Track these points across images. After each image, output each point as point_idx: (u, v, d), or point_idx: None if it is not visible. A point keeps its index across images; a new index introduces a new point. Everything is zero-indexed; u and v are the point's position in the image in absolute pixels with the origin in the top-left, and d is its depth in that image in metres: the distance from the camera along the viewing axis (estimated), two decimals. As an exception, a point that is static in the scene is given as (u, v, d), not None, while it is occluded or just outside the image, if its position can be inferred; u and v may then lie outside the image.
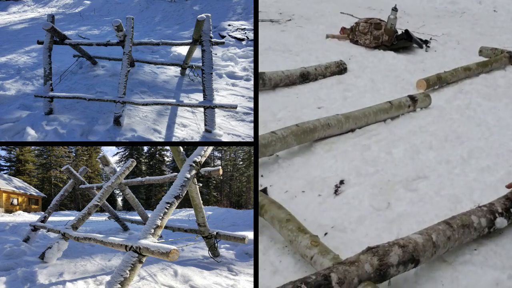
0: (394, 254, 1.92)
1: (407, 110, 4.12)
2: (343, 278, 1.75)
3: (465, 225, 2.21)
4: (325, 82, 4.92)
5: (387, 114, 3.93)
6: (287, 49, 5.96)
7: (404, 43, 6.40)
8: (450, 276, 2.12)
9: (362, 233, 2.45)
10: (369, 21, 6.40)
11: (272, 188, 2.91)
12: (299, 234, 2.17)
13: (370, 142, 3.50)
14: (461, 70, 5.07)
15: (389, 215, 2.60)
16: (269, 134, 3.12)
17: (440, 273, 2.15)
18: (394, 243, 1.98)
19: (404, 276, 2.09)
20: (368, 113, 3.79)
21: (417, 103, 4.18)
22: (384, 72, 5.32)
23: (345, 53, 5.94)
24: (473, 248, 2.28)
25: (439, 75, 4.96)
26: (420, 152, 3.36)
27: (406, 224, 2.49)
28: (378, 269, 1.86)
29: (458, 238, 2.17)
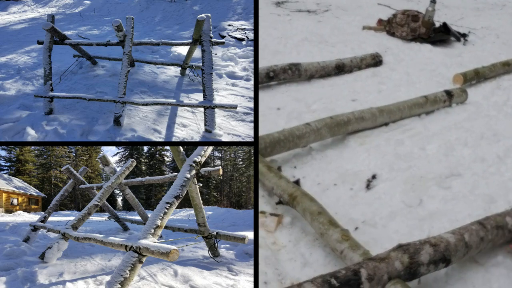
0: (425, 253, 1.89)
1: (442, 105, 4.03)
2: (373, 275, 1.73)
3: (499, 226, 2.16)
4: (360, 75, 4.86)
5: (422, 109, 3.86)
6: (323, 40, 5.87)
7: (441, 36, 6.27)
8: (482, 278, 2.08)
9: (393, 229, 2.41)
10: (407, 13, 6.32)
11: (305, 179, 2.89)
12: (330, 227, 2.16)
13: (404, 137, 3.45)
14: (500, 65, 4.97)
15: (420, 212, 2.55)
16: (304, 126, 3.12)
17: (471, 274, 2.11)
18: (426, 241, 1.95)
19: (434, 276, 2.06)
20: (402, 107, 3.73)
21: (453, 98, 4.08)
22: (420, 66, 5.22)
23: (381, 45, 5.84)
24: (507, 251, 2.23)
25: (476, 70, 4.86)
26: (454, 149, 3.28)
27: (438, 223, 2.45)
28: (408, 267, 1.83)
29: (491, 239, 2.12)
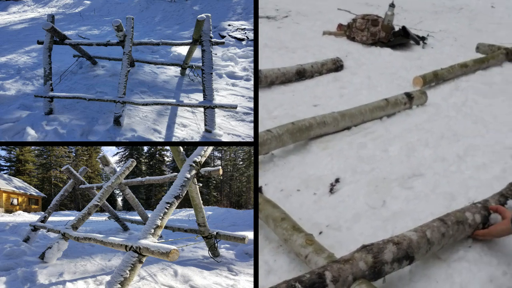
0: (389, 251, 1.91)
1: (403, 108, 4.10)
2: (338, 276, 1.74)
3: (459, 222, 2.20)
4: (321, 80, 4.90)
5: (383, 112, 3.92)
6: (283, 46, 5.93)
7: (401, 40, 6.37)
8: (445, 273, 2.11)
9: (357, 231, 2.44)
10: (366, 18, 6.37)
11: (267, 186, 2.89)
12: (294, 232, 2.16)
13: (366, 140, 3.49)
14: (458, 67, 5.06)
15: (384, 213, 2.59)
16: (265, 133, 3.10)
17: (434, 270, 2.14)
18: (389, 240, 1.98)
19: (399, 274, 2.08)
20: (364, 111, 3.77)
21: (413, 100, 4.16)
22: (381, 69, 5.30)
23: (342, 50, 5.91)
24: (467, 245, 2.27)
25: (435, 72, 4.93)
26: (416, 149, 3.35)
27: (401, 222, 2.48)
28: (372, 266, 1.85)
29: (452, 234, 2.16)
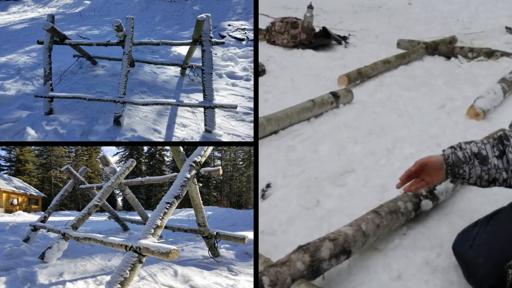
0: (325, 248, 1.93)
1: (330, 107, 4.11)
2: (275, 280, 1.74)
3: (392, 211, 2.26)
4: None
5: (310, 113, 3.92)
6: None
7: (322, 41, 6.36)
8: (382, 263, 2.16)
9: (293, 233, 2.45)
10: (285, 20, 6.35)
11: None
12: None
13: (295, 143, 3.52)
14: (381, 64, 5.11)
15: (318, 213, 2.62)
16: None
17: (372, 261, 2.19)
18: (325, 237, 2.00)
19: (338, 269, 2.12)
20: (290, 113, 3.77)
21: (340, 99, 4.18)
22: (304, 71, 5.33)
23: (263, 54, 5.91)
24: (402, 233, 2.34)
25: (359, 70, 4.98)
26: (345, 147, 3.40)
27: (336, 219, 2.51)
28: (310, 265, 1.86)
29: (387, 224, 2.21)
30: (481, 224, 1.98)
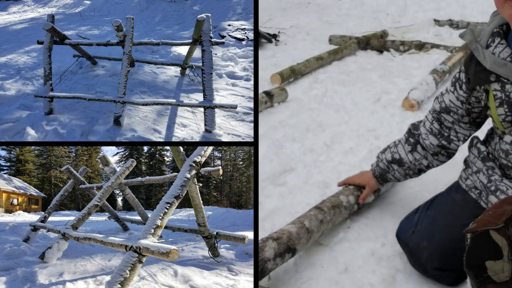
0: (269, 248, 1.93)
1: (264, 107, 4.10)
2: None
3: (335, 206, 2.27)
4: None
5: None
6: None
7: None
8: (328, 257, 2.18)
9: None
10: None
11: None
12: None
13: None
14: (314, 60, 5.08)
15: (260, 214, 2.63)
16: None
17: (318, 256, 2.20)
18: (268, 237, 2.00)
19: (284, 268, 2.13)
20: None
21: (274, 98, 4.16)
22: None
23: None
24: (346, 226, 2.36)
25: (292, 67, 4.94)
26: (283, 146, 3.39)
27: (278, 219, 2.52)
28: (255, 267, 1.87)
29: (330, 219, 2.22)
30: (421, 210, 2.04)
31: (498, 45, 1.59)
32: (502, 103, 1.62)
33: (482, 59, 1.62)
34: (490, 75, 1.61)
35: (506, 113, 1.63)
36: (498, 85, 1.62)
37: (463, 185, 1.95)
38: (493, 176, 1.74)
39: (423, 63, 5.15)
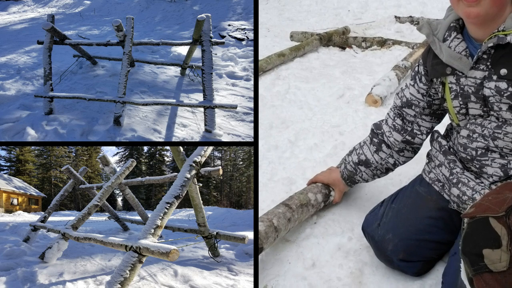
0: None
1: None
2: None
3: (303, 204, 2.28)
4: None
5: None
6: None
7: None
8: (295, 253, 2.20)
9: None
10: None
11: None
12: None
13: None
14: (275, 57, 5.00)
15: None
16: None
17: (285, 253, 2.21)
18: None
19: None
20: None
21: None
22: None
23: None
24: (313, 222, 2.37)
25: None
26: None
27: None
28: None
29: (298, 218, 2.23)
30: (386, 203, 2.07)
31: (454, 39, 1.64)
32: (457, 95, 1.68)
33: (438, 52, 1.67)
34: (446, 68, 1.67)
35: (460, 105, 1.68)
36: (453, 78, 1.67)
37: (426, 178, 1.98)
38: (454, 169, 1.78)
39: (385, 59, 5.14)
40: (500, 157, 1.63)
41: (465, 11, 1.51)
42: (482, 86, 1.58)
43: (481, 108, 1.63)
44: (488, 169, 1.65)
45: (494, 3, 1.46)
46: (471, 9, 1.48)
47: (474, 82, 1.60)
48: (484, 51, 1.54)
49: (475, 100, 1.62)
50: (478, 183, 1.67)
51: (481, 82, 1.58)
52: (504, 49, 1.50)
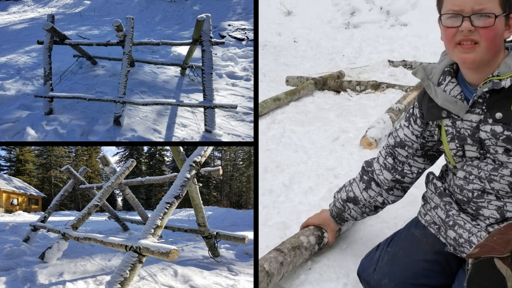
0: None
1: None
2: None
3: (295, 247, 2.18)
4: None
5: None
6: None
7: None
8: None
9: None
10: None
11: None
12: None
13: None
14: (271, 101, 5.00)
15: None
16: None
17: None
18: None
19: None
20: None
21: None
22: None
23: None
24: (307, 268, 2.30)
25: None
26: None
27: None
28: None
29: (291, 261, 2.13)
30: (382, 247, 2.03)
31: (449, 83, 1.67)
32: (454, 138, 1.70)
33: (434, 95, 1.70)
34: (441, 111, 1.69)
35: (457, 148, 1.71)
36: (449, 121, 1.70)
37: (422, 220, 1.96)
38: (450, 211, 1.77)
39: (379, 102, 5.21)
40: (497, 199, 1.63)
41: (460, 57, 1.55)
42: (478, 129, 1.61)
43: (478, 150, 1.65)
44: (485, 211, 1.65)
45: (489, 49, 1.50)
46: (467, 55, 1.52)
47: (470, 125, 1.63)
48: (479, 96, 1.57)
49: (471, 142, 1.65)
50: (474, 225, 1.67)
51: (477, 125, 1.61)
52: (499, 93, 1.53)
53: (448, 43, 1.58)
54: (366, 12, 9.78)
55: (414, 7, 9.31)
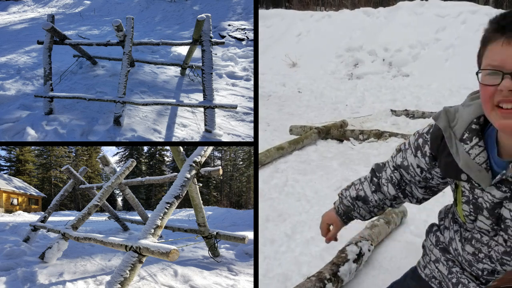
0: None
1: None
2: None
3: None
4: None
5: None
6: None
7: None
8: None
9: None
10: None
11: None
12: None
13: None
14: (274, 150, 4.99)
15: None
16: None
17: None
18: None
19: None
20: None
21: None
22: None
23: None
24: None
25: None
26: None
27: None
28: None
29: None
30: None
31: (475, 146, 1.44)
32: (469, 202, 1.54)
33: (454, 153, 1.50)
34: (461, 174, 1.50)
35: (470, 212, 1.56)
36: (467, 185, 1.52)
37: (422, 274, 1.84)
38: (454, 268, 1.66)
39: (382, 150, 5.21)
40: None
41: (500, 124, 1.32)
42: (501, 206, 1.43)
43: (491, 225, 1.49)
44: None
45: None
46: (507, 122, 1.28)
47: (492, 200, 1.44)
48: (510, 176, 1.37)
49: (487, 215, 1.48)
50: (478, 284, 1.57)
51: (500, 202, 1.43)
52: None
53: (485, 104, 1.34)
54: (369, 63, 9.97)
55: (416, 59, 9.51)
